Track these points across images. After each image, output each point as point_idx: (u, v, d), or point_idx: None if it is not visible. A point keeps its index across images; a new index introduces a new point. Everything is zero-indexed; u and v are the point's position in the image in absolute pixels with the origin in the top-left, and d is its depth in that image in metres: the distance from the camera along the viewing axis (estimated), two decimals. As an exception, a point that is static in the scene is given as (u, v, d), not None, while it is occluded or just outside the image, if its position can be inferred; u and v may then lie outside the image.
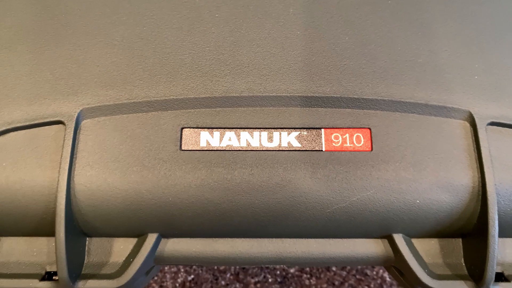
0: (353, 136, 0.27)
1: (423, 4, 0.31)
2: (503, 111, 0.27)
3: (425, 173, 0.26)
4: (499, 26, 0.31)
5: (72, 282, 0.26)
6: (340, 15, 0.29)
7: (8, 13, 0.30)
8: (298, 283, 0.40)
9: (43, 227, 0.27)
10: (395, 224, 0.27)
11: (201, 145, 0.27)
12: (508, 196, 0.26)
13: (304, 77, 0.28)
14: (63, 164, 0.25)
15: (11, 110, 0.27)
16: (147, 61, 0.28)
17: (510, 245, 0.28)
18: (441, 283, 0.27)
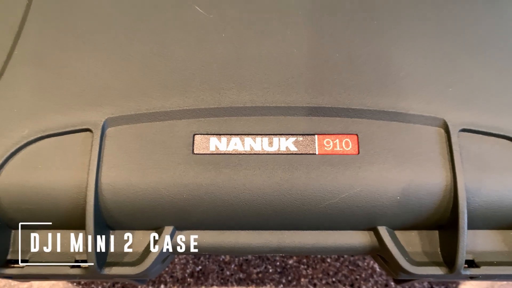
0: (343, 141, 0.30)
1: (403, 24, 0.33)
2: (473, 119, 0.30)
3: (405, 173, 0.29)
4: (469, 43, 0.33)
5: (99, 269, 0.29)
6: (332, 35, 0.33)
7: (39, 33, 0.33)
8: (296, 273, 0.43)
9: (73, 221, 0.29)
10: (379, 217, 0.30)
11: (210, 149, 0.29)
12: (476, 193, 0.29)
13: (299, 90, 0.31)
14: (91, 166, 0.28)
15: (44, 120, 0.30)
16: (162, 76, 0.31)
17: (481, 236, 0.31)
18: (420, 268, 0.30)
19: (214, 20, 0.33)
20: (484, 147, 0.30)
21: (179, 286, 0.42)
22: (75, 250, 0.30)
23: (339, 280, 0.42)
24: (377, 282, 0.42)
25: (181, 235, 0.30)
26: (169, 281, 0.42)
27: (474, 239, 0.30)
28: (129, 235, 0.31)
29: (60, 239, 0.31)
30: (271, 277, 0.43)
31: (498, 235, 0.31)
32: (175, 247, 0.31)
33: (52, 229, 0.30)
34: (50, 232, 0.31)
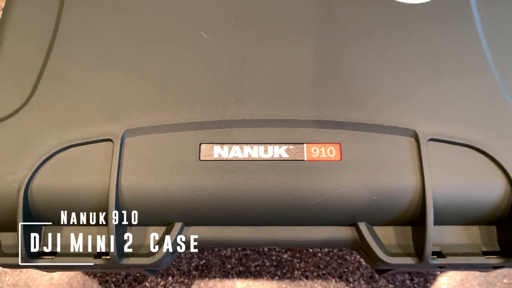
0: (327, 149, 0.33)
1: (381, 48, 0.37)
2: (440, 130, 0.34)
3: (381, 177, 0.32)
4: (435, 63, 0.36)
5: (118, 259, 0.32)
6: (319, 57, 0.36)
7: (65, 55, 0.37)
8: (290, 266, 0.46)
9: (96, 219, 0.33)
10: (359, 215, 0.33)
11: (214, 156, 0.33)
12: (441, 194, 0.32)
13: (291, 105, 0.35)
14: (112, 171, 0.32)
15: (72, 131, 0.33)
16: (173, 93, 0.35)
17: (448, 231, 0.34)
18: (394, 259, 0.33)
19: (217, 45, 0.37)
20: (449, 154, 0.33)
21: (185, 278, 0.45)
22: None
23: (329, 272, 0.46)
24: (363, 274, 0.46)
25: (189, 230, 0.34)
26: (176, 274, 0.45)
27: (441, 233, 0.34)
28: (143, 230, 0.34)
29: (83, 234, 0.34)
30: (268, 270, 0.46)
31: (462, 230, 0.34)
32: (183, 240, 0.34)
33: (77, 225, 0.33)
34: (75, 228, 0.34)
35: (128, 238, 0.34)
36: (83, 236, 0.34)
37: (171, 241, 0.33)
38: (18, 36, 0.38)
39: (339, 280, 0.46)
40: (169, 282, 0.46)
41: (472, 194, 0.33)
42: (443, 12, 0.38)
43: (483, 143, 0.33)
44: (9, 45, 0.37)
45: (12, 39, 0.38)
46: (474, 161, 0.33)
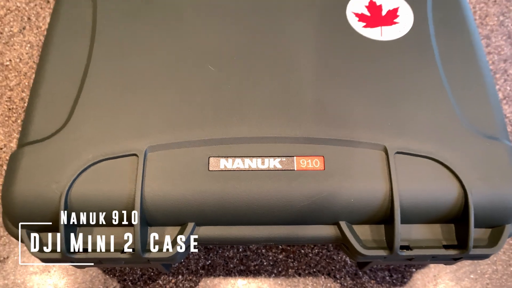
0: (313, 161, 0.39)
1: (357, 78, 0.43)
2: (405, 144, 0.39)
3: (357, 183, 0.38)
4: (400, 89, 0.42)
5: (142, 253, 0.37)
6: (306, 85, 0.42)
7: (97, 84, 0.42)
8: (285, 265, 0.50)
9: (123, 220, 0.38)
10: (340, 215, 0.38)
11: (220, 167, 0.38)
12: (407, 197, 0.37)
13: (283, 125, 0.40)
14: (137, 181, 0.37)
15: (103, 148, 0.39)
16: (186, 116, 0.40)
17: (414, 228, 0.39)
18: (370, 251, 0.38)
19: (222, 76, 0.43)
20: (412, 164, 0.39)
21: (193, 277, 0.50)
22: (122, 241, 0.38)
23: (319, 270, 0.50)
24: (348, 271, 0.50)
25: (199, 229, 0.39)
26: (185, 273, 0.50)
27: (409, 231, 0.39)
28: (162, 229, 0.39)
29: (111, 233, 0.39)
30: (265, 268, 0.50)
31: (426, 227, 0.40)
32: (195, 238, 0.39)
33: (107, 226, 0.39)
34: (104, 228, 0.39)
35: (149, 236, 0.39)
36: (111, 235, 0.39)
37: (185, 238, 0.38)
38: (57, 70, 0.44)
39: (328, 276, 0.51)
40: (179, 280, 0.51)
41: (432, 197, 0.38)
42: (407, 47, 0.45)
43: (440, 155, 0.39)
44: (50, 77, 0.44)
45: (51, 72, 0.44)
46: (433, 170, 0.39)
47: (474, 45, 0.47)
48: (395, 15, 0.48)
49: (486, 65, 0.46)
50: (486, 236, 0.40)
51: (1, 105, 0.61)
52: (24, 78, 0.63)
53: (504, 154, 0.40)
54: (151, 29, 0.46)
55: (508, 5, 0.71)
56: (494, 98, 0.44)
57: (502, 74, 0.64)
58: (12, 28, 0.67)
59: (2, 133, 0.59)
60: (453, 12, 0.49)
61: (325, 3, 0.48)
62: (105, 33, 0.46)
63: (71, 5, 0.49)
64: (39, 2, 0.70)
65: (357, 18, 0.47)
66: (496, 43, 0.67)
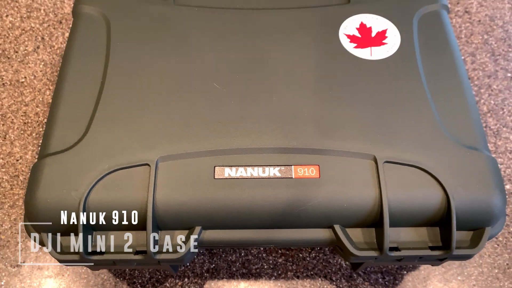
0: (309, 169, 0.41)
1: (349, 93, 0.46)
2: (393, 155, 0.42)
3: (350, 190, 0.41)
4: (390, 104, 0.45)
5: (153, 255, 0.40)
6: (302, 100, 0.46)
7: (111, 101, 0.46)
8: (284, 268, 0.54)
9: (136, 225, 0.40)
10: (335, 219, 0.41)
11: (225, 175, 0.41)
12: (395, 202, 0.40)
13: (282, 137, 0.43)
14: (150, 188, 0.40)
15: (118, 158, 0.42)
16: (193, 129, 0.43)
17: (403, 231, 0.42)
18: (362, 252, 0.40)
19: (226, 93, 0.46)
20: (399, 172, 0.42)
21: (198, 279, 0.52)
22: (135, 244, 0.41)
23: (316, 273, 0.53)
24: (344, 274, 0.53)
25: (206, 232, 0.42)
26: (191, 276, 0.53)
27: (397, 233, 0.42)
28: (172, 232, 0.42)
29: (125, 236, 0.41)
30: (266, 271, 0.53)
31: (413, 230, 0.42)
32: (201, 240, 0.41)
33: (121, 230, 0.42)
34: (118, 232, 0.42)
35: (160, 239, 0.42)
36: (125, 238, 0.42)
37: (192, 240, 0.41)
38: (74, 87, 0.48)
39: (324, 279, 0.54)
40: (186, 283, 0.54)
41: (418, 203, 0.41)
42: (394, 66, 0.49)
43: (425, 164, 0.42)
44: (68, 94, 0.47)
45: (70, 89, 0.47)
46: (418, 178, 0.42)
47: (456, 64, 0.51)
48: (383, 36, 0.52)
49: (467, 82, 0.50)
50: (468, 238, 0.43)
51: (17, 119, 0.65)
52: (39, 94, 0.67)
53: (483, 163, 0.44)
54: (161, 49, 0.50)
55: (491, 25, 0.76)
56: (474, 112, 0.48)
57: (486, 89, 0.69)
58: (27, 47, 0.72)
59: (18, 145, 0.62)
60: (436, 34, 0.53)
61: (320, 26, 0.52)
62: (118, 53, 0.50)
63: (87, 27, 0.53)
64: (52, 23, 0.75)
65: (349, 39, 0.52)
66: (480, 60, 0.72)
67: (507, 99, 0.68)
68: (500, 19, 0.76)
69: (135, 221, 0.41)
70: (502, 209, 0.43)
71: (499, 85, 0.69)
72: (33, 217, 0.42)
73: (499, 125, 0.65)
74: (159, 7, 0.54)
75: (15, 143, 0.63)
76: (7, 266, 0.54)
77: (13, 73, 0.69)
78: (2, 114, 0.65)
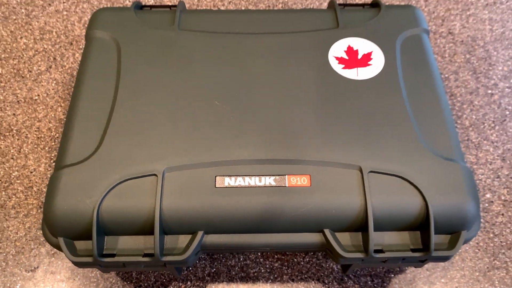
0: (302, 178, 0.45)
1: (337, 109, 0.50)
2: (377, 165, 0.46)
3: (337, 197, 0.44)
4: (374, 120, 0.49)
5: (160, 257, 0.43)
6: (295, 117, 0.50)
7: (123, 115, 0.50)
8: (280, 272, 0.56)
9: (144, 229, 0.44)
10: (325, 224, 0.44)
11: (225, 184, 0.44)
12: (378, 208, 0.43)
13: (277, 149, 0.47)
14: (157, 196, 0.43)
15: (128, 169, 0.45)
16: (196, 142, 0.47)
17: (386, 235, 0.45)
18: (350, 254, 0.44)
19: (226, 110, 0.50)
20: (383, 181, 0.45)
21: (200, 283, 0.56)
22: (143, 248, 0.44)
23: (309, 276, 0.56)
24: (335, 277, 0.57)
25: (207, 237, 0.45)
26: (193, 279, 0.56)
27: (382, 237, 0.45)
28: (175, 237, 0.45)
29: (134, 241, 0.45)
30: (263, 275, 0.57)
31: (396, 234, 0.46)
32: (204, 244, 0.45)
33: (130, 234, 0.45)
34: (128, 237, 0.45)
35: (166, 242, 0.46)
36: (134, 242, 0.45)
37: (195, 244, 0.44)
38: (88, 105, 0.52)
39: (317, 282, 0.57)
40: (188, 286, 0.57)
41: (399, 209, 0.45)
42: (379, 85, 0.53)
43: (406, 173, 0.46)
44: (82, 111, 0.51)
45: (83, 107, 0.52)
46: (400, 186, 0.45)
47: (434, 83, 0.55)
48: (369, 58, 0.57)
49: (445, 99, 0.55)
50: (446, 241, 0.47)
51: (31, 134, 0.69)
52: (51, 110, 0.72)
53: (458, 172, 0.48)
54: (167, 70, 0.55)
55: (473, 45, 0.81)
56: (451, 126, 0.52)
57: (468, 104, 0.74)
58: (40, 67, 0.77)
59: (32, 159, 0.67)
60: (417, 55, 0.58)
61: (311, 49, 0.57)
62: (128, 74, 0.55)
63: (99, 50, 0.58)
64: (63, 44, 0.80)
65: (337, 61, 0.57)
66: (463, 78, 0.77)
67: (488, 114, 0.72)
68: (481, 39, 0.81)
69: (144, 226, 0.45)
70: (475, 214, 0.47)
71: (480, 101, 0.74)
72: (51, 224, 0.46)
73: (480, 138, 0.70)
74: (165, 32, 0.59)
75: (29, 156, 0.67)
76: (22, 271, 0.58)
77: (27, 91, 0.74)
78: (17, 130, 0.70)
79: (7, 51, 0.78)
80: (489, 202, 0.64)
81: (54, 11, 0.83)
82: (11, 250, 0.60)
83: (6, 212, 0.62)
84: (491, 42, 0.81)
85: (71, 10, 0.83)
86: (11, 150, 0.68)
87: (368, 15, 0.61)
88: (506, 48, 0.80)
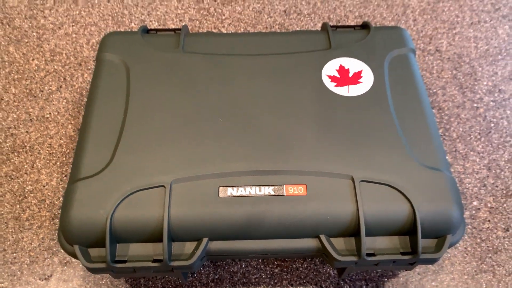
0: (298, 188, 0.48)
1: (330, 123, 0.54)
2: (368, 175, 0.50)
3: (331, 205, 0.48)
4: (365, 133, 0.53)
5: (168, 262, 0.47)
6: (291, 132, 0.54)
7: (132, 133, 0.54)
8: (280, 277, 0.59)
9: (153, 237, 0.47)
10: (320, 230, 0.48)
11: (228, 194, 0.48)
12: (369, 215, 0.47)
13: (275, 161, 0.51)
14: (165, 206, 0.47)
15: (138, 181, 0.49)
16: (201, 156, 0.51)
17: (378, 240, 0.49)
18: (344, 257, 0.47)
19: (228, 126, 0.54)
20: (373, 190, 0.49)
21: None
22: (152, 253, 0.48)
23: (308, 281, 0.59)
24: (332, 282, 0.59)
25: (212, 243, 0.48)
26: (198, 285, 0.59)
27: (374, 241, 0.49)
28: (182, 244, 0.48)
29: (144, 248, 0.48)
30: (264, 281, 0.59)
31: (387, 239, 0.49)
32: (208, 250, 0.48)
33: (139, 242, 0.49)
34: (138, 244, 0.49)
35: (174, 249, 0.49)
36: (144, 249, 0.49)
37: (201, 250, 0.47)
38: (99, 123, 0.56)
39: (315, 286, 0.60)
40: None
41: (389, 215, 0.49)
42: (368, 101, 0.58)
43: (394, 182, 0.50)
44: (94, 128, 0.55)
45: (95, 124, 0.56)
46: (389, 194, 0.49)
47: (420, 98, 0.60)
48: (359, 76, 0.62)
49: (431, 113, 0.59)
50: (433, 244, 0.51)
51: (43, 150, 0.73)
52: (62, 128, 0.76)
53: (443, 181, 0.52)
54: (173, 90, 0.59)
55: (459, 62, 0.86)
56: (437, 138, 0.56)
57: (455, 118, 0.78)
58: (51, 87, 0.81)
59: (44, 173, 0.71)
60: (404, 73, 0.62)
61: (306, 68, 0.62)
62: (137, 93, 0.59)
63: (109, 72, 0.62)
64: (72, 65, 0.85)
65: (330, 79, 0.61)
66: (450, 93, 0.82)
67: (474, 127, 0.77)
68: (467, 56, 0.86)
69: (153, 234, 0.48)
70: (460, 219, 0.51)
71: (467, 114, 0.78)
72: (67, 233, 0.50)
73: (467, 150, 0.74)
74: (171, 54, 0.63)
75: (41, 171, 0.71)
76: (36, 279, 0.61)
77: (39, 110, 0.78)
78: (30, 146, 0.74)
79: (20, 72, 0.83)
80: (476, 210, 0.68)
81: (64, 34, 0.88)
82: (26, 259, 0.63)
83: (20, 224, 0.66)
84: (476, 59, 0.86)
85: (79, 32, 0.88)
86: (25, 165, 0.71)
87: (358, 36, 0.66)
88: (491, 64, 0.85)
